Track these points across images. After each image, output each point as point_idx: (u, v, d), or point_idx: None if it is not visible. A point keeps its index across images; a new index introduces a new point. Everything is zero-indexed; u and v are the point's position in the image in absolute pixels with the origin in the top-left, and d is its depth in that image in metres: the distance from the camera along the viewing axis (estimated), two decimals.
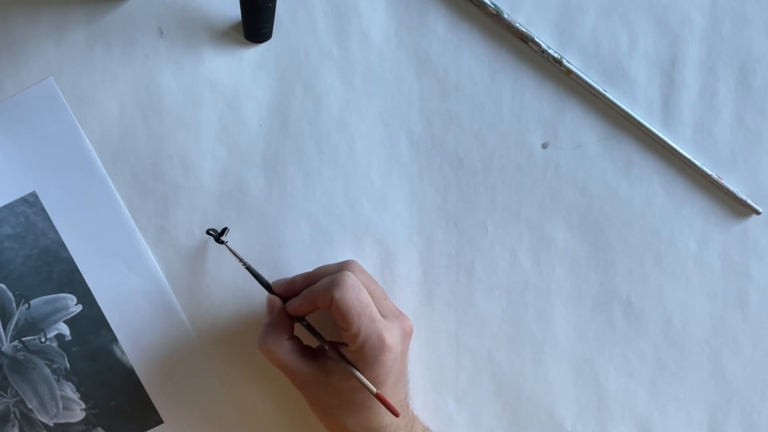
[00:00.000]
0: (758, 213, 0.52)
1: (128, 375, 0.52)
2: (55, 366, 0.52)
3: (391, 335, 0.45)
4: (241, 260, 0.49)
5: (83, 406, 0.53)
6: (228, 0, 0.51)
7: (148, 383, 0.52)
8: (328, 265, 0.48)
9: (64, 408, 0.52)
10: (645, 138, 0.52)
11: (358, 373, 0.44)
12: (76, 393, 0.52)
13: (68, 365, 0.52)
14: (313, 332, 0.47)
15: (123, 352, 0.52)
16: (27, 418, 0.52)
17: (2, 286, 0.52)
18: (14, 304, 0.52)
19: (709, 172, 0.52)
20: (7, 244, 0.51)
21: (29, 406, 0.52)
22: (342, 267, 0.47)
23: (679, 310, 0.53)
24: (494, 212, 0.53)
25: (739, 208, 0.53)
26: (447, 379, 0.53)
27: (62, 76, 0.51)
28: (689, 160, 0.52)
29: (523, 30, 0.51)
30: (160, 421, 0.53)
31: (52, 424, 0.52)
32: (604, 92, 0.51)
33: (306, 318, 0.48)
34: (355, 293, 0.44)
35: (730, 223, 0.53)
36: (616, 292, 0.53)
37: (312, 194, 0.52)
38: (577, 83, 0.51)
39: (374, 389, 0.44)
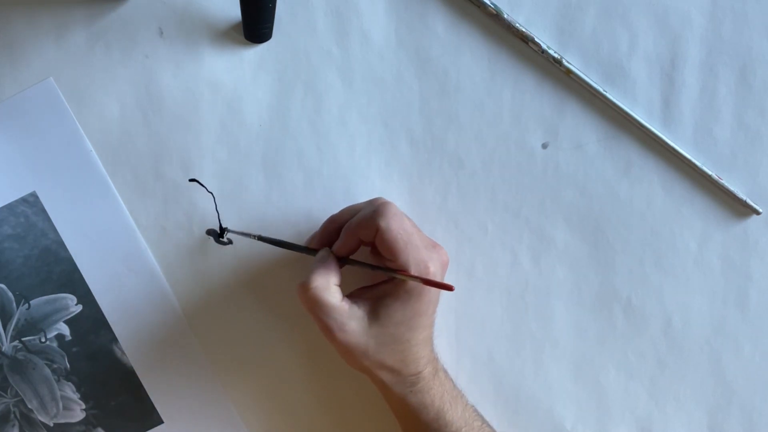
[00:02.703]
0: (758, 213, 0.52)
1: (128, 375, 0.52)
2: (55, 366, 0.52)
3: (433, 264, 0.44)
4: (256, 236, 0.49)
5: (83, 406, 0.53)
6: (228, 0, 0.51)
7: (148, 383, 0.52)
8: (355, 204, 0.48)
9: (64, 408, 0.52)
10: (645, 138, 0.52)
11: (404, 275, 0.44)
12: (76, 393, 0.52)
13: (68, 365, 0.52)
14: (362, 264, 0.46)
15: (123, 352, 0.52)
16: (27, 418, 0.52)
17: (2, 286, 0.52)
18: (14, 304, 0.52)
19: (709, 172, 0.52)
20: (7, 244, 0.51)
21: (29, 406, 0.52)
22: (377, 202, 0.45)
23: (679, 310, 0.53)
24: (494, 212, 0.53)
25: (739, 208, 0.53)
26: None
27: (62, 76, 0.51)
28: (689, 160, 0.52)
29: (523, 30, 0.51)
30: (160, 421, 0.53)
31: (52, 424, 0.52)
32: (604, 92, 0.51)
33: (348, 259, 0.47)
34: (399, 222, 0.43)
35: (730, 223, 0.53)
36: (616, 292, 0.53)
37: (312, 194, 0.52)
38: (577, 83, 0.51)
39: (419, 278, 0.43)
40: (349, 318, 0.45)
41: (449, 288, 0.43)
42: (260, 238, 0.49)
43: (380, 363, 0.45)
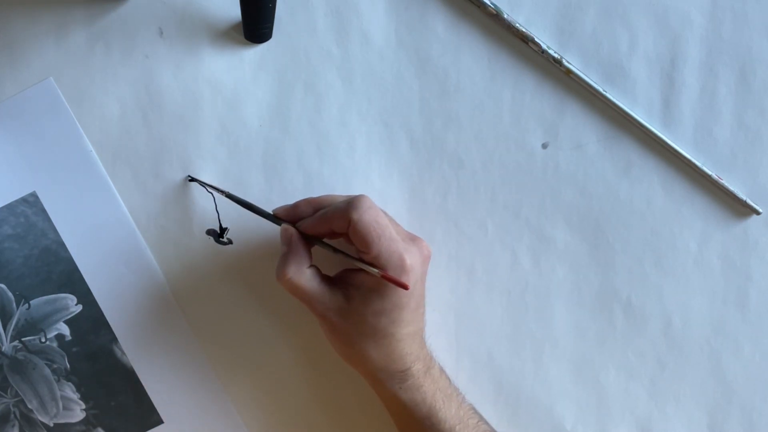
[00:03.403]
0: (758, 213, 0.52)
1: (128, 375, 0.52)
2: (55, 366, 0.52)
3: (411, 256, 0.44)
4: (224, 192, 0.49)
5: (83, 406, 0.53)
6: (228, 0, 0.51)
7: (148, 383, 0.52)
8: (335, 194, 0.48)
9: (64, 408, 0.52)
10: (645, 138, 0.52)
11: (365, 265, 0.44)
12: (76, 393, 0.52)
13: (68, 365, 0.52)
14: (328, 247, 0.46)
15: (123, 352, 0.52)
16: (27, 419, 0.52)
17: (2, 286, 0.52)
18: (14, 304, 0.52)
19: (709, 172, 0.52)
20: (7, 244, 0.51)
21: (29, 407, 0.52)
22: (351, 198, 0.46)
23: (679, 310, 0.53)
24: (494, 212, 0.53)
25: (739, 208, 0.53)
26: None
27: (62, 76, 0.51)
28: (689, 160, 0.52)
29: (523, 30, 0.51)
30: (160, 421, 0.53)
31: (52, 425, 0.52)
32: (604, 92, 0.51)
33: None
34: (373, 215, 0.43)
35: (730, 223, 0.53)
36: (616, 292, 0.53)
37: (312, 194, 0.52)
38: (577, 83, 0.51)
39: (377, 271, 0.44)
40: (329, 300, 0.45)
41: (404, 286, 0.43)
42: (228, 195, 0.49)
43: (365, 356, 0.45)
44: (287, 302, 0.52)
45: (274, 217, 0.48)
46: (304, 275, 0.45)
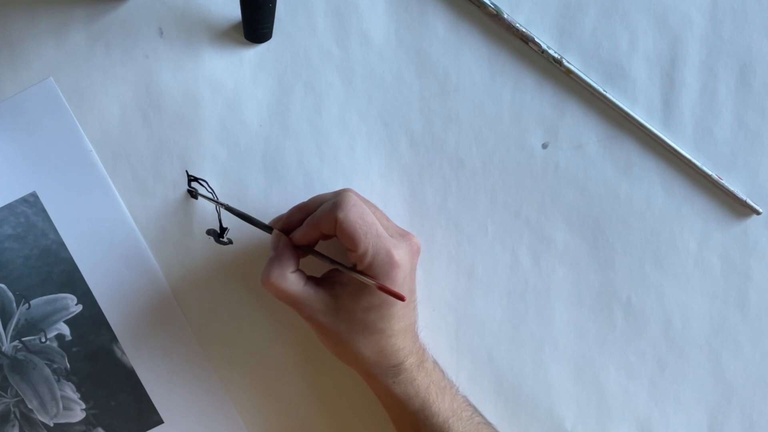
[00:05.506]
0: (758, 213, 0.52)
1: (128, 375, 0.52)
2: (55, 366, 0.52)
3: (399, 252, 0.44)
4: (223, 204, 0.49)
5: (83, 406, 0.53)
6: (228, 0, 0.51)
7: (148, 383, 0.52)
8: (324, 194, 0.48)
9: (65, 408, 0.53)
10: (645, 138, 0.52)
11: (361, 276, 0.44)
12: (76, 393, 0.52)
13: (68, 365, 0.52)
14: (322, 257, 0.46)
15: (123, 352, 0.52)
16: (27, 418, 0.52)
17: (2, 286, 0.52)
18: (14, 304, 0.52)
19: (709, 172, 0.52)
20: (8, 244, 0.51)
21: (29, 406, 0.52)
22: (338, 194, 0.46)
23: (679, 310, 0.53)
24: (494, 212, 0.53)
25: (739, 208, 0.53)
26: None
27: (62, 76, 0.51)
28: (689, 160, 0.52)
29: (523, 30, 0.51)
30: (160, 421, 0.53)
31: (52, 424, 0.53)
32: (604, 92, 0.51)
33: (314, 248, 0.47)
34: (358, 212, 0.43)
35: (730, 223, 0.53)
36: (616, 292, 0.53)
37: (312, 194, 0.52)
38: (577, 83, 0.51)
39: (374, 282, 0.44)
40: (315, 302, 0.45)
41: (401, 297, 0.43)
42: (227, 208, 0.49)
43: (357, 352, 0.45)
44: None
45: (271, 228, 0.48)
46: (287, 279, 0.45)
